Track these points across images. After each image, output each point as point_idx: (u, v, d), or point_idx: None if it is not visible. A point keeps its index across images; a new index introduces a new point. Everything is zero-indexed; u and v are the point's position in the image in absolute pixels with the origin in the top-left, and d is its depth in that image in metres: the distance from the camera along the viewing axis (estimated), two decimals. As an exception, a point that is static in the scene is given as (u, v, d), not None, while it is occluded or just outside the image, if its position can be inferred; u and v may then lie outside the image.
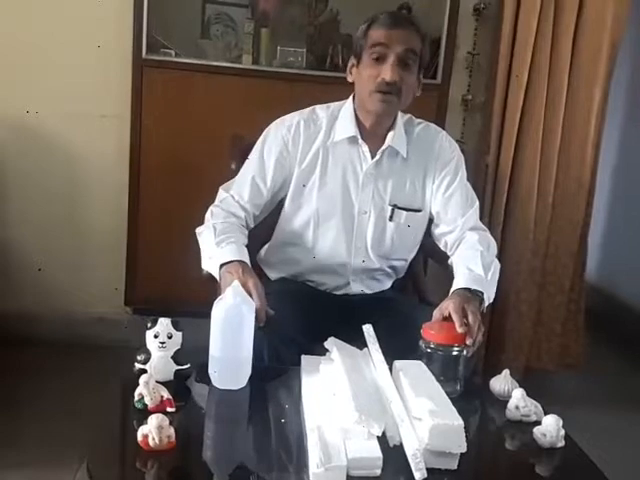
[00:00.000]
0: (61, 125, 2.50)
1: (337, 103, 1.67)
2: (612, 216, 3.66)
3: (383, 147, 1.61)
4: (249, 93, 2.43)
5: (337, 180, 1.63)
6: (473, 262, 1.52)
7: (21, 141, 2.51)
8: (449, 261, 1.66)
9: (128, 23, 2.38)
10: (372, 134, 1.61)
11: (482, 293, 1.45)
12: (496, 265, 1.57)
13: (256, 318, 1.32)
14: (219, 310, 1.22)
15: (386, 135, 1.61)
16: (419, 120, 1.71)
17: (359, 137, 1.61)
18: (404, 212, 1.65)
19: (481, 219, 2.50)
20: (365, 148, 1.61)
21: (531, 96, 2.47)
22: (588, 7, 2.43)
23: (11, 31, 2.44)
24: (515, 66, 2.44)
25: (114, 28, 2.43)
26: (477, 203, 1.71)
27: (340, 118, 1.63)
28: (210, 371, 1.24)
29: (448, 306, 1.36)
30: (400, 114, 1.65)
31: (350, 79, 1.62)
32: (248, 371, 1.25)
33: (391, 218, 1.64)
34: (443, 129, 1.73)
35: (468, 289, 1.44)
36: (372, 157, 1.62)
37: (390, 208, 1.64)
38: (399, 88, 1.51)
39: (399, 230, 1.66)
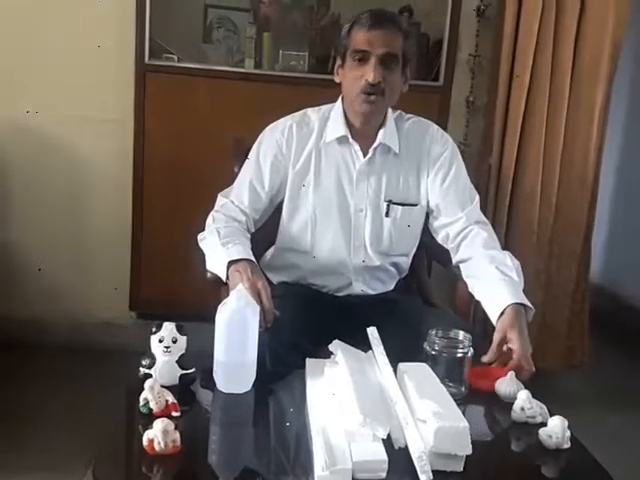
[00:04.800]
0: (64, 128, 2.51)
1: (328, 105, 1.69)
2: (615, 217, 3.65)
3: (375, 144, 1.63)
4: (251, 97, 2.44)
5: (331, 180, 1.65)
6: (506, 269, 1.51)
7: (23, 144, 2.52)
8: (454, 260, 1.65)
9: (130, 29, 2.39)
10: (362, 133, 1.63)
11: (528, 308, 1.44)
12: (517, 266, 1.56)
13: (264, 319, 1.32)
14: (224, 314, 1.22)
15: (377, 133, 1.63)
16: (409, 115, 1.72)
17: (349, 136, 1.63)
18: (400, 207, 1.65)
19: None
20: (356, 147, 1.63)
21: (533, 97, 2.47)
22: (589, 7, 2.43)
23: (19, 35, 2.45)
24: (517, 67, 2.44)
25: (117, 34, 2.44)
26: (477, 195, 1.71)
27: (331, 119, 1.66)
28: (215, 375, 1.24)
29: (511, 341, 1.35)
30: (390, 110, 1.66)
31: (337, 80, 1.63)
32: (253, 375, 1.25)
33: (387, 214, 1.65)
34: (445, 131, 1.73)
35: (518, 304, 1.42)
36: (364, 155, 1.64)
37: (385, 204, 1.65)
38: (382, 89, 1.54)
39: (396, 225, 1.66)
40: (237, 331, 1.22)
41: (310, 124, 1.66)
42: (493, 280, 1.48)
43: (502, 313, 1.40)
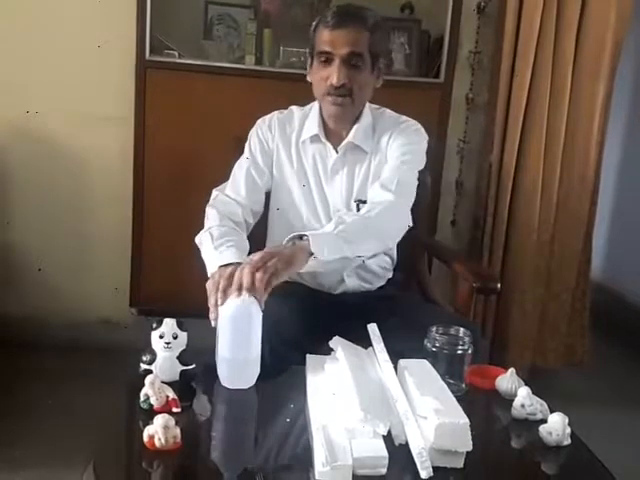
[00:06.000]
0: (64, 127, 2.51)
1: (311, 104, 1.70)
2: (617, 214, 3.65)
3: (343, 143, 1.64)
4: (252, 94, 2.43)
5: (312, 179, 1.66)
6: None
7: (24, 143, 2.51)
8: None
9: (131, 24, 2.39)
10: (335, 131, 1.64)
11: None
12: (363, 224, 1.47)
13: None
14: (228, 310, 1.22)
15: (350, 130, 1.63)
16: (391, 113, 1.70)
17: (321, 135, 1.64)
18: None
19: (485, 218, 2.53)
20: (329, 145, 1.65)
21: (534, 94, 2.46)
22: (591, 4, 2.42)
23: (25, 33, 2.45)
24: (518, 64, 2.44)
25: (117, 30, 2.43)
26: (403, 192, 1.58)
27: (309, 117, 1.67)
28: (218, 371, 1.24)
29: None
30: (370, 107, 1.66)
31: (309, 79, 1.64)
32: (257, 370, 1.25)
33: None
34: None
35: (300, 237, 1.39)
36: (337, 153, 1.65)
37: (355, 204, 1.65)
38: (349, 89, 1.54)
39: None
40: (242, 327, 1.22)
41: (292, 122, 1.69)
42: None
43: None
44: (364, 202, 1.63)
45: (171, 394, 1.13)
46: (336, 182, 1.66)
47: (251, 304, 1.22)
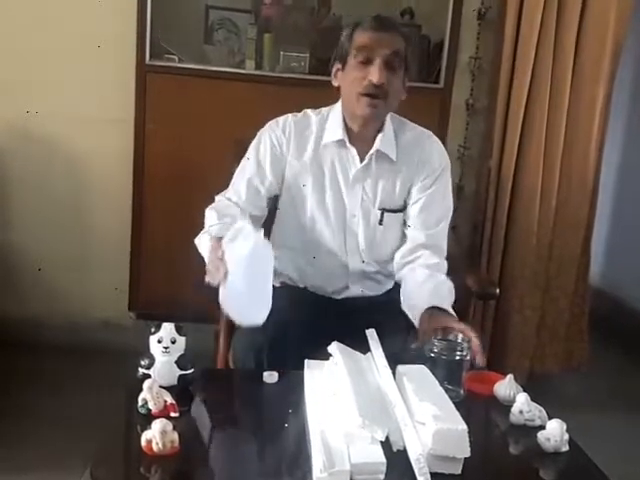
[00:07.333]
0: (64, 128, 2.51)
1: (327, 107, 1.69)
2: (616, 218, 3.65)
3: (371, 151, 1.62)
4: (252, 98, 2.44)
5: (328, 183, 1.64)
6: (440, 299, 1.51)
7: (23, 144, 2.52)
8: (396, 276, 1.67)
9: (132, 29, 2.39)
10: (360, 137, 1.62)
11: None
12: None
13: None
14: (246, 247, 1.23)
15: (374, 138, 1.62)
16: (412, 124, 1.71)
17: (347, 141, 1.62)
18: (393, 214, 1.65)
19: (483, 223, 2.53)
20: (353, 152, 1.63)
21: (534, 99, 2.47)
22: (591, 8, 2.43)
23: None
24: (517, 69, 2.44)
25: (117, 34, 2.43)
26: (445, 221, 1.67)
27: (329, 121, 1.65)
28: (228, 308, 1.25)
29: (448, 322, 1.38)
30: (390, 116, 1.66)
31: (336, 83, 1.62)
32: (268, 307, 1.26)
33: (381, 222, 1.65)
34: (445, 133, 1.73)
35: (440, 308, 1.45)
36: (361, 160, 1.63)
37: (379, 212, 1.65)
38: (386, 91, 1.53)
39: (391, 232, 1.66)
40: (258, 262, 1.24)
41: (310, 126, 1.66)
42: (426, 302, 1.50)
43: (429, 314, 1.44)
44: (390, 211, 1.64)
45: (169, 399, 1.13)
46: (356, 189, 1.64)
47: (266, 245, 1.25)
